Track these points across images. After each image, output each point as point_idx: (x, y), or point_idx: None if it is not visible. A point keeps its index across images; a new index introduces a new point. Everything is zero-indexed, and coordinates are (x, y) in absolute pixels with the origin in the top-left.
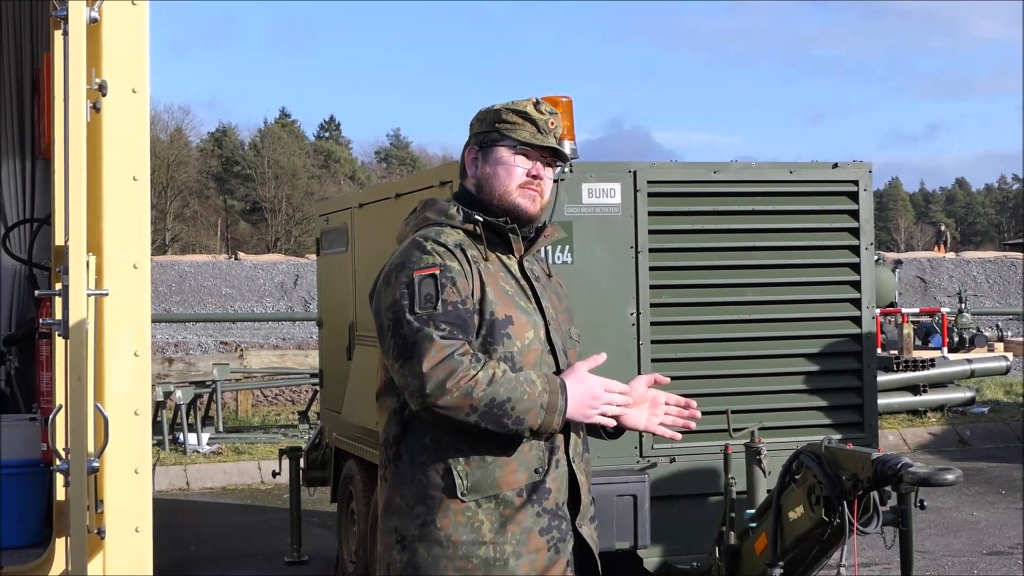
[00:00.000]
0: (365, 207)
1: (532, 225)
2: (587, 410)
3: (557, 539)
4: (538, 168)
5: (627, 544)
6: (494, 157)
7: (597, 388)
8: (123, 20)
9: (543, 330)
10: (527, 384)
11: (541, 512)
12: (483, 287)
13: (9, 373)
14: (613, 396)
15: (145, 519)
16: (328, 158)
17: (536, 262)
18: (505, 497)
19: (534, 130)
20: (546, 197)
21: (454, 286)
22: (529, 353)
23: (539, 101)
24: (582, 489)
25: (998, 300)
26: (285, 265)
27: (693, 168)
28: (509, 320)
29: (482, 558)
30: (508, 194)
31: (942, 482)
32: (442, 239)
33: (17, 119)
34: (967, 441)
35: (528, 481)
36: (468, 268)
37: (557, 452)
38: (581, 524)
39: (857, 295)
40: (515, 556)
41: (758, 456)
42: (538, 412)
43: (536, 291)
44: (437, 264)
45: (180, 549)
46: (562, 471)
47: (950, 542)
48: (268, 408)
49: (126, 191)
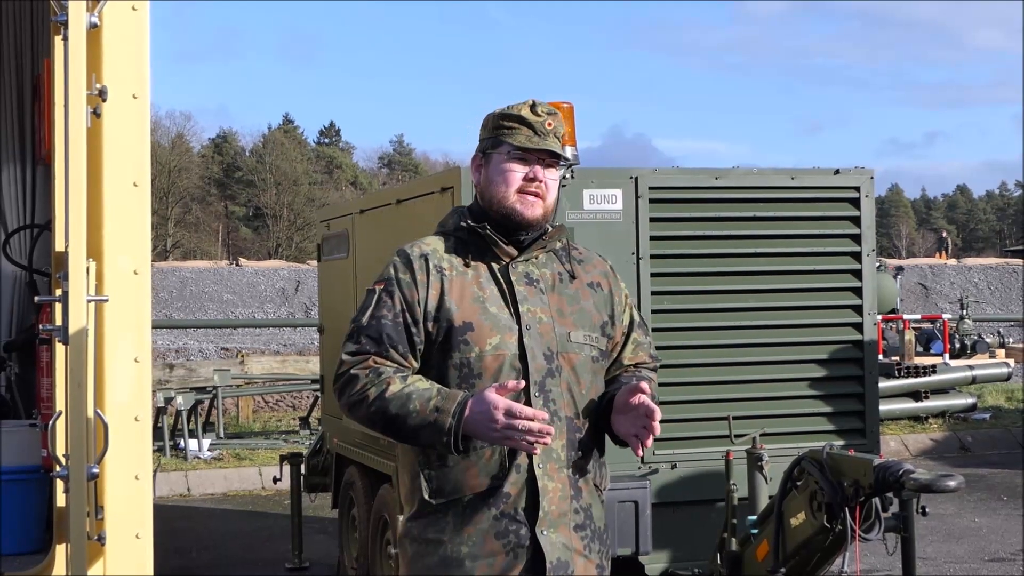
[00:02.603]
0: (366, 213)
1: (532, 229)
2: (491, 433)
3: (515, 543)
4: (536, 171)
5: (629, 551)
6: (492, 163)
7: (495, 411)
8: (123, 25)
9: (515, 336)
10: (419, 402)
11: (499, 516)
12: (441, 295)
13: (9, 379)
14: (513, 421)
15: (145, 525)
16: (330, 164)
17: (549, 264)
18: (466, 500)
19: (530, 133)
20: (549, 199)
21: (391, 299)
22: (490, 359)
23: (535, 103)
24: (544, 496)
25: (999, 306)
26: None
27: (695, 174)
28: (468, 327)
29: (441, 556)
30: (505, 199)
31: (944, 488)
32: (413, 249)
33: (17, 124)
34: (968, 447)
35: (489, 485)
36: (425, 278)
37: (518, 457)
38: (545, 530)
39: (859, 301)
40: (471, 558)
41: (760, 462)
42: (428, 431)
43: (515, 295)
44: (385, 278)
45: (181, 555)
46: (522, 476)
47: (952, 548)
48: (269, 414)
49: (126, 197)
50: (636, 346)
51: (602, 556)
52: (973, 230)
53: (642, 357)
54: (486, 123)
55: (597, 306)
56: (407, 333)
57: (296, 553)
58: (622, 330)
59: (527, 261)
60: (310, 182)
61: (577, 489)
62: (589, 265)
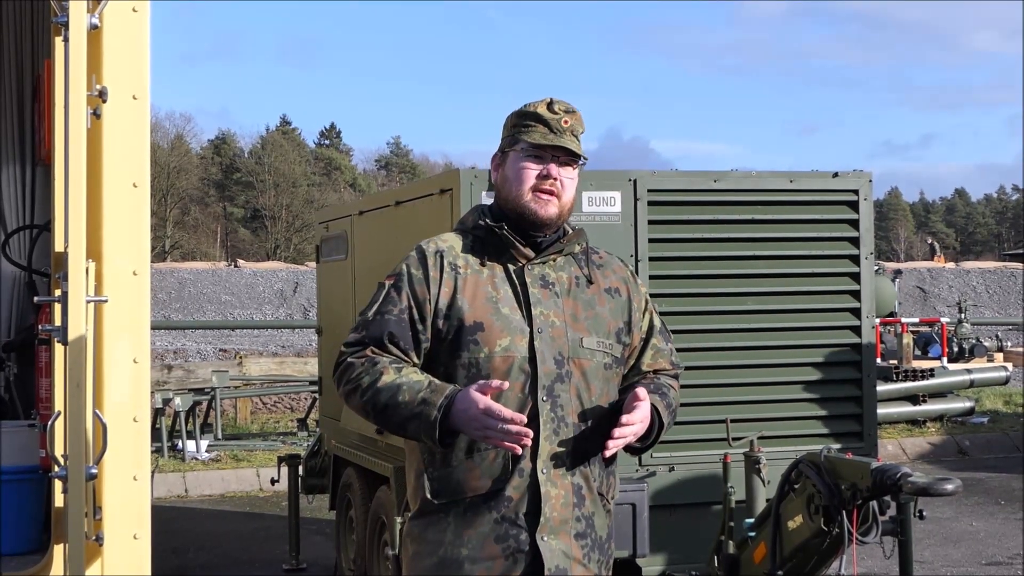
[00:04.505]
0: (365, 215)
1: (547, 229)
2: (474, 431)
3: (514, 548)
4: (550, 169)
5: (626, 553)
6: (509, 162)
7: (475, 410)
8: (124, 26)
9: (526, 338)
10: (409, 393)
11: (499, 520)
12: (454, 293)
13: (8, 379)
14: (489, 421)
15: (143, 526)
16: (329, 165)
17: (567, 268)
18: (467, 502)
19: (546, 130)
20: (565, 198)
21: (398, 295)
22: (500, 360)
23: (553, 101)
24: (546, 502)
25: (998, 310)
26: (284, 272)
27: (693, 177)
28: (479, 326)
29: (441, 558)
30: (520, 198)
31: (941, 492)
32: (430, 246)
33: (17, 125)
34: (966, 451)
35: (491, 488)
36: (438, 275)
37: (522, 460)
38: (545, 536)
39: (857, 305)
40: (470, 561)
41: (757, 465)
42: (415, 422)
43: (529, 298)
44: (397, 273)
45: (178, 556)
46: (524, 481)
47: (949, 552)
48: (267, 415)
49: (126, 198)
50: (656, 352)
51: (601, 566)
52: (971, 234)
53: (662, 364)
54: (506, 122)
55: (613, 312)
56: (412, 330)
57: (293, 554)
58: (640, 336)
59: (544, 263)
60: (309, 183)
61: (580, 497)
62: (608, 270)
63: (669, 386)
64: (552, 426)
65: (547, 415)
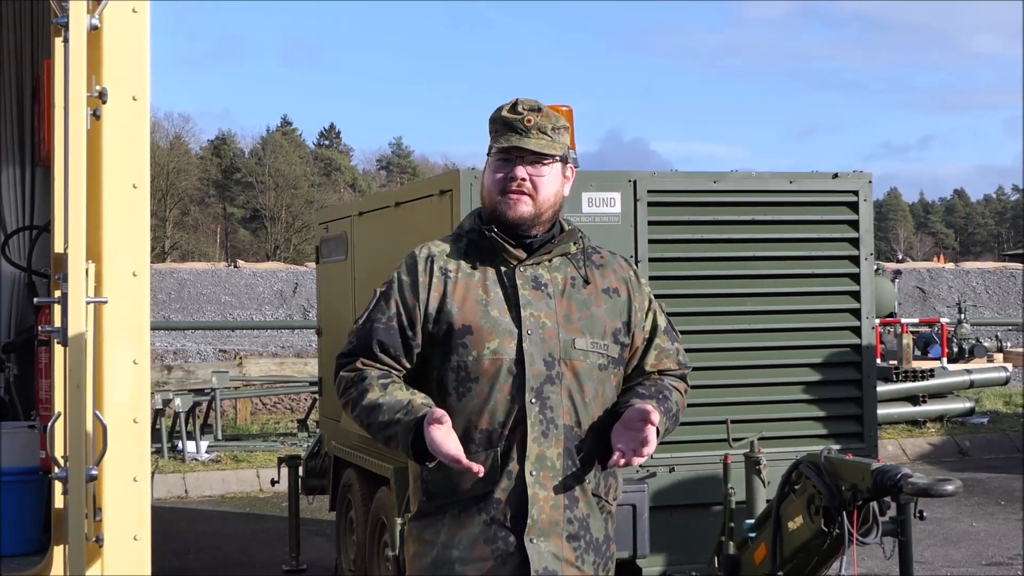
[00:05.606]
0: (364, 215)
1: (524, 228)
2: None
3: (502, 550)
4: (515, 171)
5: (626, 554)
6: (485, 168)
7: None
8: (124, 27)
9: (514, 341)
10: (388, 412)
11: (489, 522)
12: (443, 297)
13: (8, 380)
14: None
15: (143, 527)
16: (329, 166)
17: (563, 268)
18: (461, 503)
19: (510, 133)
20: (542, 195)
21: (387, 302)
22: (487, 363)
23: (518, 101)
24: (533, 504)
25: (997, 311)
26: (284, 273)
27: (693, 178)
28: (467, 330)
29: (434, 559)
30: (493, 202)
31: (942, 493)
32: (422, 251)
33: (17, 126)
34: (966, 452)
35: (481, 490)
36: (428, 280)
37: (510, 463)
38: (533, 538)
39: (857, 305)
40: (461, 562)
41: (757, 466)
42: (394, 443)
43: (519, 300)
44: (388, 280)
45: (178, 557)
46: (512, 483)
47: (949, 553)
48: (267, 416)
49: (126, 198)
50: (660, 352)
51: (598, 568)
52: (971, 234)
53: (667, 364)
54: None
55: (610, 312)
56: (402, 336)
57: (293, 555)
58: (642, 336)
59: (537, 264)
60: (309, 184)
61: (573, 499)
62: (608, 270)
63: (672, 388)
64: (540, 428)
65: (535, 417)
